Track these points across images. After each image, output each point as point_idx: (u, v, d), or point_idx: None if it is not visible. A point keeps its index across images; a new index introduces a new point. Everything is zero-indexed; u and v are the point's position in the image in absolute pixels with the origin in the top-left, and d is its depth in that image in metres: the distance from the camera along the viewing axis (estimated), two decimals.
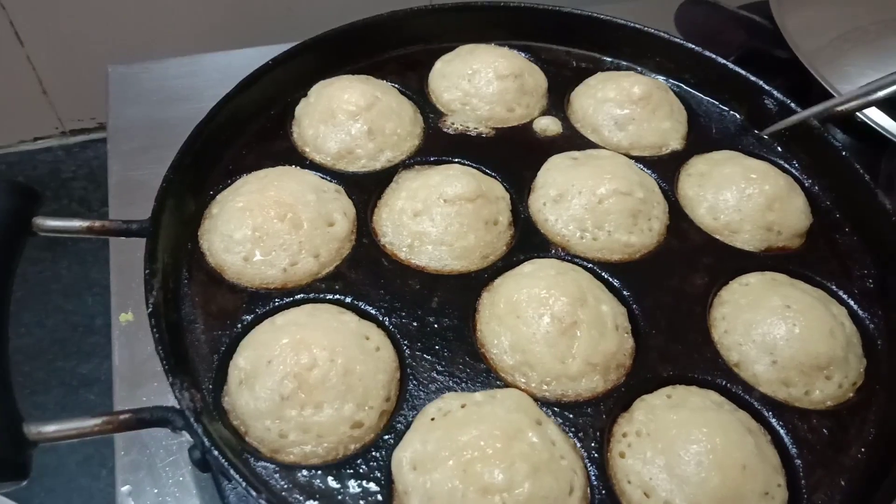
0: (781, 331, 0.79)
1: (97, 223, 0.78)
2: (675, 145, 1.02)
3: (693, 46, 1.07)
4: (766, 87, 1.03)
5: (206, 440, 0.62)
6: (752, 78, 1.04)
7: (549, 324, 0.76)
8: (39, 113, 1.85)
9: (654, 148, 1.01)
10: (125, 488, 0.86)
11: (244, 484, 0.61)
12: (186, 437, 0.70)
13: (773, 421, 0.75)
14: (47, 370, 1.54)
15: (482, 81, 1.02)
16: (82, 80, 1.79)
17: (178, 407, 0.66)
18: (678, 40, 1.08)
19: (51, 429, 0.61)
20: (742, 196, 0.91)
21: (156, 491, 0.86)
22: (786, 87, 1.05)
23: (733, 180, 0.92)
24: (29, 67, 1.76)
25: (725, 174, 0.94)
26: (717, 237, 0.91)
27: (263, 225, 0.81)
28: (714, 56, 1.07)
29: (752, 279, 0.86)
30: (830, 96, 1.07)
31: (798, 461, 0.72)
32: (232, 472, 0.61)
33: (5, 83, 1.76)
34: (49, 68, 1.78)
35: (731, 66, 1.06)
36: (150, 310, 0.71)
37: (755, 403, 0.76)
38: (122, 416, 0.63)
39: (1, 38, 1.69)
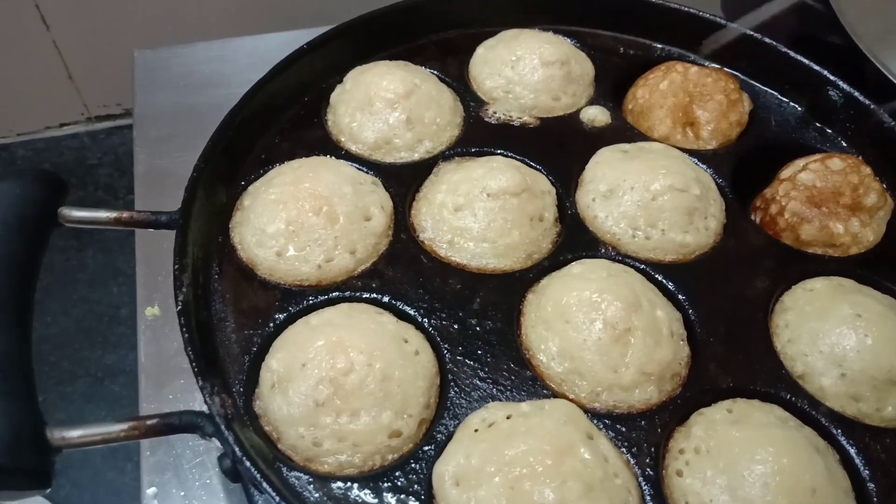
0: (852, 341, 0.73)
1: (125, 214, 0.75)
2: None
3: (752, 33, 1.01)
4: (831, 78, 0.97)
5: (237, 449, 0.59)
6: (816, 67, 0.97)
7: (602, 330, 0.71)
8: (65, 99, 1.83)
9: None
10: (151, 490, 0.83)
11: (277, 498, 0.57)
12: (215, 441, 0.66)
13: (843, 440, 0.69)
14: (72, 360, 1.53)
15: (526, 68, 0.96)
16: (109, 65, 1.77)
17: (207, 412, 0.62)
18: (736, 26, 1.02)
19: (75, 434, 0.57)
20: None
21: (182, 493, 0.83)
22: (840, 74, 0.98)
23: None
24: (55, 52, 1.74)
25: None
26: None
27: (298, 218, 0.77)
28: (774, 43, 1.01)
29: (818, 284, 0.80)
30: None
31: (871, 485, 0.67)
32: (265, 484, 0.57)
33: (32, 68, 1.75)
34: (75, 53, 1.76)
35: (792, 54, 0.99)
36: (179, 307, 0.68)
37: (822, 420, 0.71)
38: (148, 422, 0.60)
39: (27, 23, 1.66)
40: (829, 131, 0.98)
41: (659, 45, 1.07)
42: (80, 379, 1.52)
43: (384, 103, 0.90)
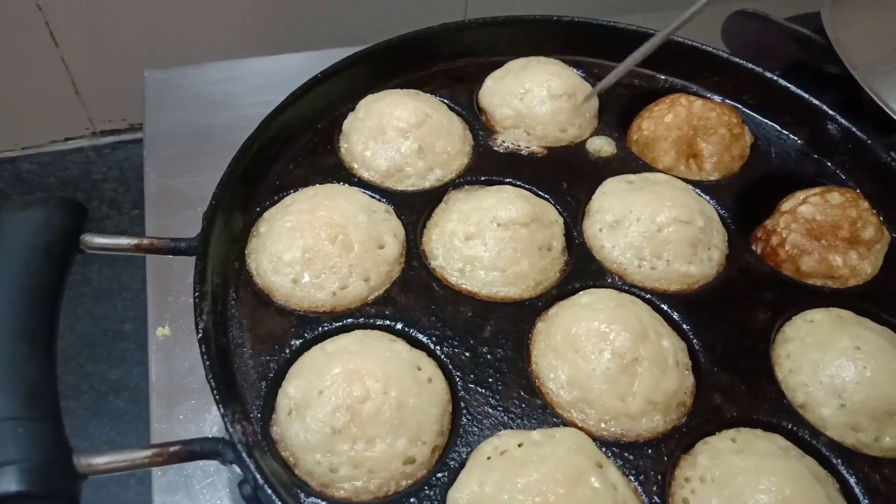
0: (851, 373, 0.75)
1: (145, 241, 0.77)
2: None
3: (754, 67, 1.04)
4: (830, 112, 0.99)
5: (259, 477, 0.60)
6: (815, 101, 1.00)
7: (610, 360, 0.73)
8: (71, 113, 1.85)
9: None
10: None
11: None
12: (234, 467, 0.68)
13: (843, 469, 0.71)
14: (77, 375, 1.53)
15: (535, 101, 0.99)
16: (115, 81, 1.79)
17: (227, 439, 0.64)
18: (738, 60, 1.05)
19: (101, 461, 0.59)
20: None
21: None
22: (835, 102, 1.01)
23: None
24: (63, 68, 1.75)
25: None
26: None
27: (314, 246, 0.79)
28: (775, 77, 1.03)
29: (818, 315, 0.83)
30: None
31: None
32: None
33: (39, 83, 1.76)
34: (83, 69, 1.77)
35: (792, 88, 1.02)
36: (200, 335, 0.69)
37: (823, 449, 0.73)
38: (171, 449, 0.61)
39: (36, 39, 1.68)
40: (829, 164, 1.00)
41: (662, 77, 1.10)
42: (84, 394, 1.53)
43: (396, 132, 0.92)
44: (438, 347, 0.76)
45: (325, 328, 0.77)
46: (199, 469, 0.88)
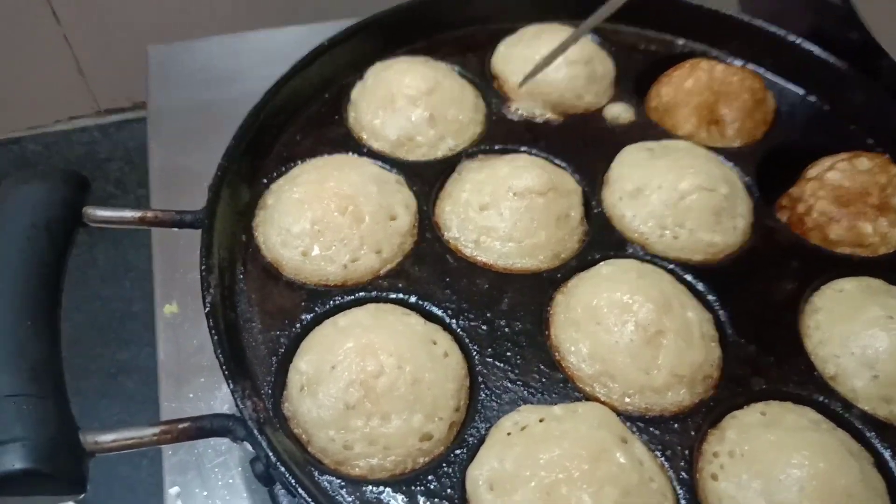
0: (884, 343, 0.72)
1: (149, 214, 0.74)
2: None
3: (777, 30, 1.00)
4: (856, 76, 0.95)
5: (271, 454, 0.58)
6: (840, 64, 0.96)
7: (633, 332, 0.70)
8: (76, 93, 1.82)
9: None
10: (174, 490, 0.83)
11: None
12: (246, 444, 0.65)
13: (876, 442, 0.69)
14: (85, 357, 1.52)
15: (550, 67, 0.95)
16: (119, 59, 1.75)
17: (238, 415, 0.62)
18: (761, 24, 1.01)
19: (108, 438, 0.57)
20: None
21: (205, 493, 0.83)
22: (856, 69, 0.97)
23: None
24: (66, 46, 1.72)
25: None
26: None
27: (323, 218, 0.76)
28: (798, 40, 0.99)
29: (847, 285, 0.79)
30: None
31: None
32: (300, 490, 0.56)
33: (42, 63, 1.73)
34: (86, 48, 1.74)
35: (816, 52, 0.98)
36: (207, 309, 0.67)
37: (855, 422, 0.70)
38: (181, 426, 0.59)
39: (38, 17, 1.65)
40: (854, 129, 0.97)
41: (681, 42, 1.06)
42: (93, 375, 1.52)
43: (406, 100, 0.89)
44: (454, 321, 0.74)
45: (337, 302, 0.74)
46: (210, 448, 0.87)
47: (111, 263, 1.65)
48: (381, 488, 0.63)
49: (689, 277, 0.79)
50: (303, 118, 0.92)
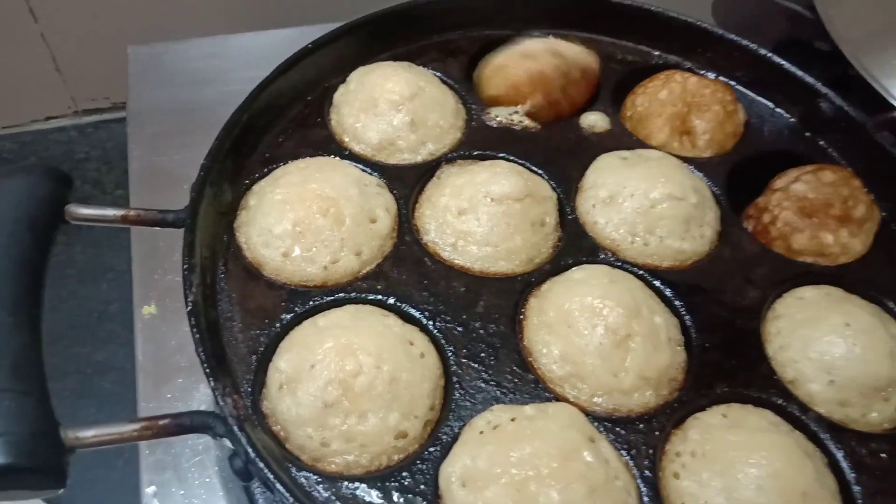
0: (841, 350, 0.76)
1: (132, 212, 0.75)
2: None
3: (748, 44, 1.03)
4: (823, 90, 0.99)
5: (250, 450, 0.59)
6: (808, 79, 1.00)
7: (603, 335, 0.73)
8: (52, 92, 1.80)
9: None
10: (150, 489, 0.84)
11: (291, 499, 0.58)
12: (225, 441, 0.67)
13: (831, 444, 0.72)
14: (62, 357, 1.51)
15: None
16: (97, 58, 1.73)
17: (218, 412, 0.63)
18: (733, 37, 1.04)
19: (89, 434, 0.58)
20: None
21: (182, 492, 0.84)
22: (824, 79, 1.01)
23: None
24: (43, 45, 1.70)
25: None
26: None
27: (305, 220, 0.78)
28: (769, 54, 1.03)
29: (808, 293, 0.83)
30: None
31: (857, 487, 0.69)
32: (278, 485, 0.58)
33: (19, 61, 1.71)
34: (63, 46, 1.72)
35: (786, 66, 1.01)
36: (189, 307, 0.68)
37: (811, 424, 0.73)
38: (161, 422, 0.61)
39: (15, 15, 1.63)
40: (821, 142, 1.00)
41: (656, 53, 1.09)
42: (70, 375, 1.51)
43: (389, 105, 0.91)
44: (431, 322, 0.76)
45: (316, 302, 0.76)
46: (187, 447, 0.88)
47: (89, 264, 1.64)
48: (357, 484, 0.65)
49: (657, 283, 0.81)
50: (286, 120, 0.93)
